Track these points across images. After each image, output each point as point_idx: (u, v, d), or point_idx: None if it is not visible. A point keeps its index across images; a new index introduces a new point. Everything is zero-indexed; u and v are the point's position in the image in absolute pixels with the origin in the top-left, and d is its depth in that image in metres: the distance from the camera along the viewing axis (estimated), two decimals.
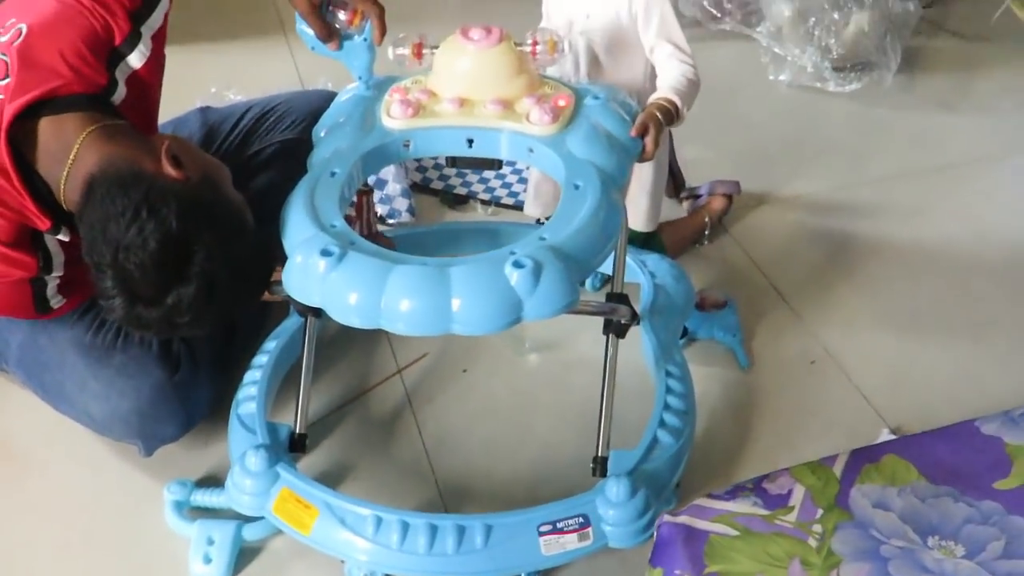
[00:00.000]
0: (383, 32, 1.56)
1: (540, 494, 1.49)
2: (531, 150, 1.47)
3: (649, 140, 1.51)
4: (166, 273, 1.26)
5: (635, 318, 1.52)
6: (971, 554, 1.19)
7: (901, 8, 2.67)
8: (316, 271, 1.24)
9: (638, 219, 1.86)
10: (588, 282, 1.95)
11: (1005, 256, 2.08)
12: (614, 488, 1.37)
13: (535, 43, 1.53)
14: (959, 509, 1.24)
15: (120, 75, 1.46)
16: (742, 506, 1.26)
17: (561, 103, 1.50)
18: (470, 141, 1.50)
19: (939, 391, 1.75)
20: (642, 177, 1.81)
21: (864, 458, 1.31)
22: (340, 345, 1.88)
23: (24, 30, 1.41)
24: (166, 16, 1.53)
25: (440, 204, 2.25)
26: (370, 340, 1.89)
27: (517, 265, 1.20)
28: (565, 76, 1.69)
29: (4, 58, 1.40)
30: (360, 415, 1.76)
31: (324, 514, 1.39)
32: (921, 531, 1.21)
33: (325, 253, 1.24)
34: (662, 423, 1.50)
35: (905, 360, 1.84)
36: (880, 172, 2.34)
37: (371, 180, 2.18)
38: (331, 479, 1.61)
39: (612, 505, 1.37)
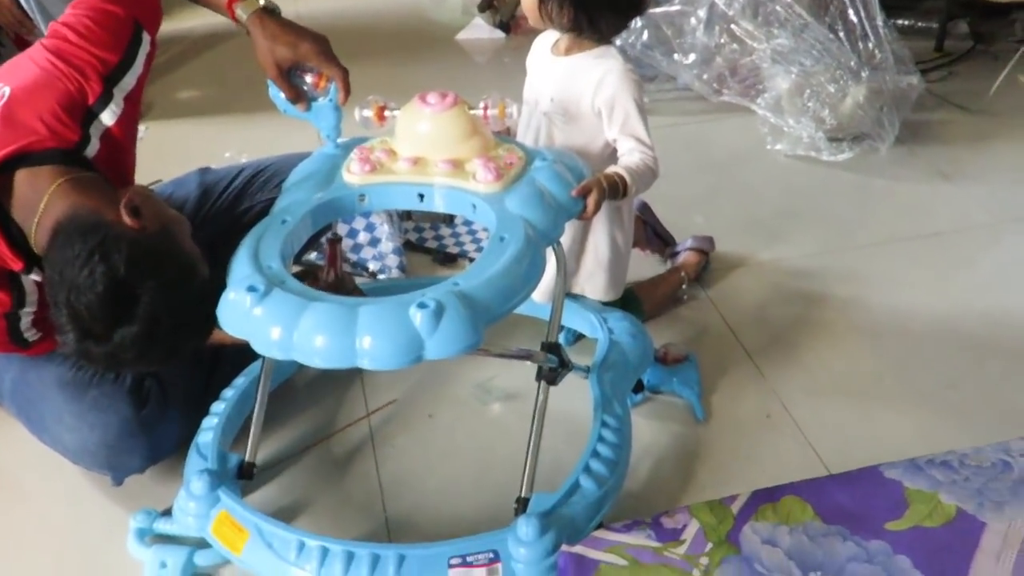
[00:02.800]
0: (347, 93, 1.66)
1: (477, 532, 1.50)
2: (474, 206, 1.54)
3: (591, 201, 1.56)
4: (112, 314, 1.34)
5: (565, 365, 1.57)
6: None
7: (903, 83, 2.72)
8: (243, 306, 1.32)
9: (596, 291, 1.92)
10: (562, 337, 2.00)
11: (977, 323, 2.07)
12: (524, 527, 1.41)
13: (486, 107, 1.61)
14: (846, 547, 1.25)
15: (94, 131, 1.58)
16: (636, 538, 1.29)
17: (510, 163, 1.58)
18: (421, 196, 1.57)
19: (892, 450, 1.72)
20: (599, 254, 1.87)
21: (764, 498, 1.34)
22: (315, 389, 1.96)
23: (7, 93, 1.54)
24: (140, 80, 1.64)
25: (432, 262, 2.34)
26: (343, 385, 1.97)
27: (421, 306, 1.27)
28: None
29: None
30: (325, 455, 1.83)
31: (254, 537, 1.46)
32: (805, 567, 1.23)
33: (251, 289, 1.32)
34: (587, 469, 1.53)
35: (862, 419, 1.84)
36: (865, 239, 2.35)
37: (365, 236, 2.31)
38: (287, 512, 1.68)
39: (522, 543, 1.41)
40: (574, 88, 1.73)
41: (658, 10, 2.84)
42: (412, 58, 3.42)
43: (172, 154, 2.53)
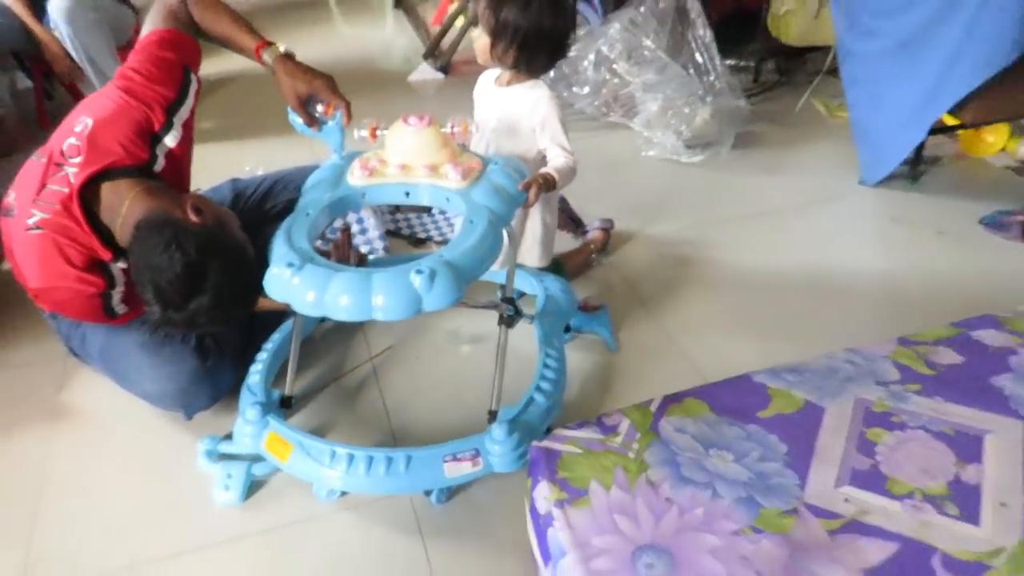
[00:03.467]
0: (350, 118, 1.62)
1: (459, 437, 1.50)
2: (448, 199, 1.51)
3: (532, 193, 1.55)
4: (188, 288, 1.31)
5: (519, 313, 1.57)
6: (737, 459, 1.22)
7: (735, 105, 2.76)
8: (284, 277, 1.29)
9: (534, 260, 1.90)
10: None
11: (800, 273, 2.12)
12: (496, 430, 1.41)
13: (453, 126, 1.59)
14: (733, 431, 1.28)
15: (159, 151, 1.52)
16: (585, 433, 1.29)
17: (472, 166, 1.56)
18: (407, 193, 1.54)
19: (749, 364, 1.73)
20: (535, 232, 1.86)
21: (672, 400, 1.35)
22: (328, 340, 1.92)
23: (90, 124, 1.48)
24: (192, 110, 1.58)
25: (408, 244, 2.31)
26: (350, 336, 1.93)
27: (418, 272, 1.25)
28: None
29: (78, 143, 1.46)
30: (342, 388, 1.79)
31: (297, 449, 1.43)
32: (706, 446, 1.25)
33: (290, 265, 1.29)
34: (537, 388, 1.54)
35: (726, 344, 1.88)
36: (715, 218, 2.38)
37: (356, 227, 2.26)
38: (318, 430, 1.65)
39: (495, 442, 1.41)
40: (514, 111, 1.71)
41: None
42: (375, 95, 3.29)
43: (200, 170, 2.42)
